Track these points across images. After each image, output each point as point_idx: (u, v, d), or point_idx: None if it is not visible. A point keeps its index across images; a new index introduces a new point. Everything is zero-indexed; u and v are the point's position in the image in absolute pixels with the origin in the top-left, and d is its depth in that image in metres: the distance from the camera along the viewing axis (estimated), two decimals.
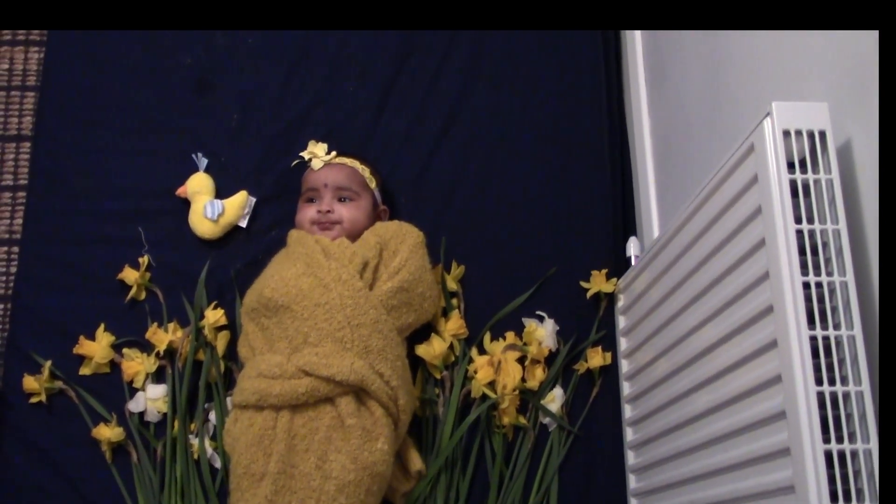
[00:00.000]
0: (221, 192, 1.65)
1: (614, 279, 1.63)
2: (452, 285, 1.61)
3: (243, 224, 1.63)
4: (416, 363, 1.54)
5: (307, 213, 1.55)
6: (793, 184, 1.04)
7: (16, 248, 1.75)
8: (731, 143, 1.28)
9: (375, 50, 1.76)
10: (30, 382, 1.50)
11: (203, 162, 1.66)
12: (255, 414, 1.39)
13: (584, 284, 1.63)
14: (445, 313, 1.59)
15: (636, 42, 1.86)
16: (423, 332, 1.55)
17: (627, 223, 1.73)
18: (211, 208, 1.59)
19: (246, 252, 1.62)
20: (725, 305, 1.18)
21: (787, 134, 1.05)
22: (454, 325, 1.57)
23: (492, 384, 1.53)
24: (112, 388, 1.53)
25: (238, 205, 1.62)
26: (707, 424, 1.23)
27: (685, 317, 1.32)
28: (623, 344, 1.61)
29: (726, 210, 1.18)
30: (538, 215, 1.69)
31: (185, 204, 1.63)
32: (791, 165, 1.05)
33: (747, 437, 1.12)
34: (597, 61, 1.81)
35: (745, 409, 1.12)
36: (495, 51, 1.78)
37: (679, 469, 1.33)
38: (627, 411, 1.57)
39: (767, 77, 1.24)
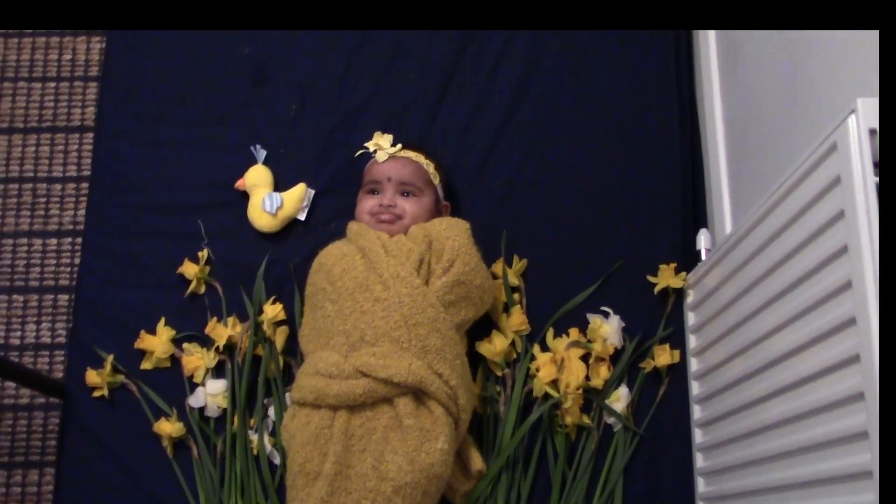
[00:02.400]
0: (280, 185, 1.63)
1: (683, 273, 1.56)
2: (514, 280, 1.56)
3: (302, 217, 1.61)
4: (476, 360, 1.51)
5: (367, 204, 1.52)
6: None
7: (80, 239, 1.77)
8: (811, 132, 1.21)
9: (435, 38, 1.71)
10: (92, 377, 1.51)
11: (262, 154, 1.64)
12: (313, 412, 1.37)
13: (651, 279, 1.57)
14: (507, 309, 1.54)
15: None
16: (484, 328, 1.52)
17: (698, 215, 1.66)
18: (269, 202, 1.58)
19: (305, 245, 1.60)
20: (804, 312, 1.12)
21: (873, 133, 0.97)
22: (516, 321, 1.53)
23: (554, 383, 1.49)
24: (172, 383, 1.53)
25: (297, 197, 1.60)
26: (784, 434, 1.17)
27: (761, 318, 1.26)
28: (692, 342, 1.54)
29: (805, 211, 1.11)
30: (603, 206, 1.63)
31: (244, 196, 1.62)
32: (877, 166, 0.98)
33: (827, 453, 1.06)
34: (666, 45, 1.73)
35: (824, 423, 1.06)
36: (558, 37, 1.72)
37: (753, 478, 1.27)
38: (696, 412, 1.51)
39: (852, 69, 1.15)
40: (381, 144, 1.54)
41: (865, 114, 0.98)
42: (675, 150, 1.66)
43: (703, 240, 1.60)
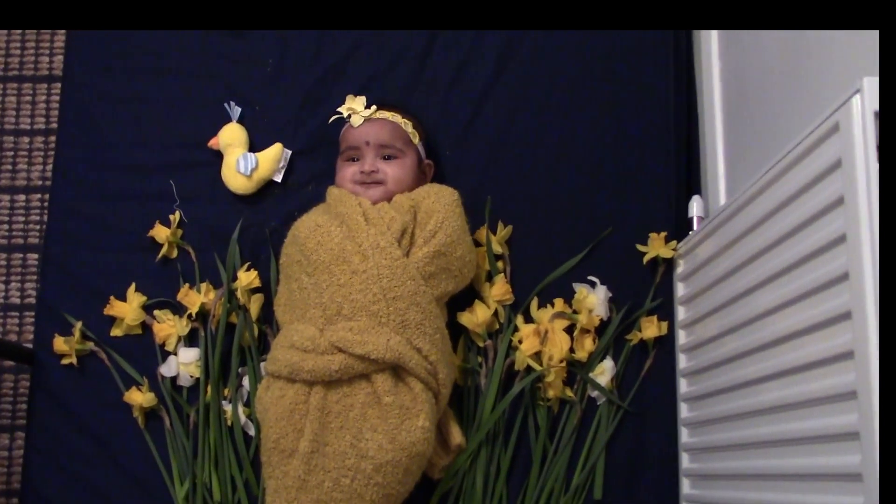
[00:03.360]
0: (256, 144, 1.55)
1: (673, 243, 1.51)
2: (498, 247, 1.51)
3: (278, 178, 1.54)
4: (458, 330, 1.46)
5: (348, 172, 1.45)
6: None
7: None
8: (815, 98, 1.14)
9: None
10: (60, 344, 1.46)
11: (236, 111, 1.56)
12: (287, 385, 1.32)
13: (640, 248, 1.51)
14: (490, 277, 1.49)
15: None
16: (467, 297, 1.46)
17: (691, 180, 1.59)
18: (244, 162, 1.51)
19: (281, 208, 1.53)
20: (798, 298, 1.06)
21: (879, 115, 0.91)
22: (499, 290, 1.48)
23: (537, 355, 1.45)
24: (144, 350, 1.49)
25: (272, 158, 1.53)
26: (772, 422, 1.13)
27: (753, 299, 1.20)
28: (681, 313, 1.50)
29: (803, 192, 1.05)
30: (592, 171, 1.56)
31: (219, 156, 1.55)
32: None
33: (818, 448, 1.01)
34: None
35: (814, 416, 1.02)
36: None
37: (739, 461, 1.24)
38: (683, 386, 1.47)
39: (860, 43, 1.08)
40: (355, 108, 1.46)
41: (872, 95, 0.91)
42: (669, 113, 1.59)
43: (695, 207, 1.54)
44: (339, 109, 1.48)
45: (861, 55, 1.07)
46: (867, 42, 1.04)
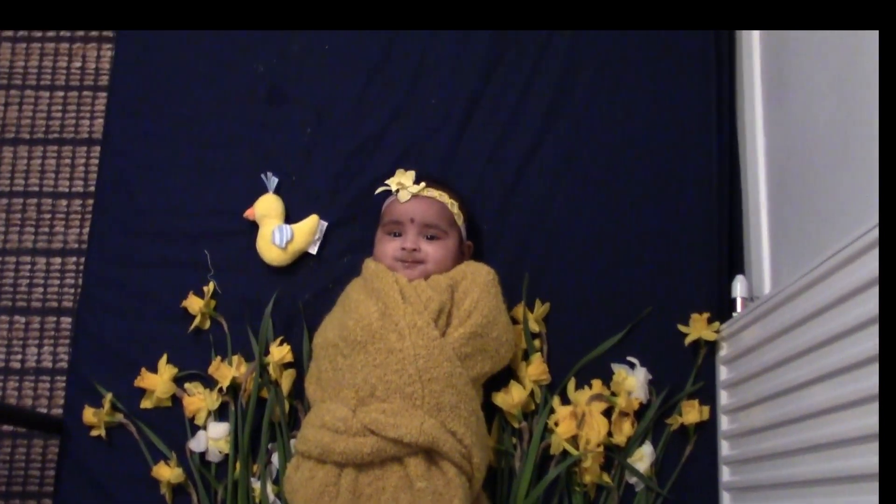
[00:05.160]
0: (291, 215, 1.54)
1: (716, 324, 1.46)
2: (535, 326, 1.47)
3: (313, 251, 1.52)
4: (492, 410, 1.42)
5: (389, 247, 1.43)
6: None
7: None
8: (863, 178, 1.10)
9: (461, 59, 1.61)
10: (89, 416, 1.45)
11: (273, 182, 1.55)
12: (317, 466, 1.30)
13: (681, 328, 1.47)
14: (527, 356, 1.46)
15: (753, 46, 1.64)
16: (502, 376, 1.43)
17: (734, 259, 1.55)
18: (279, 235, 1.49)
19: (316, 281, 1.52)
20: (855, 403, 1.01)
21: None
22: (535, 369, 1.44)
23: (574, 438, 1.40)
24: (174, 423, 1.47)
25: (308, 230, 1.52)
26: None
27: (805, 395, 1.15)
28: (724, 398, 1.45)
29: (847, 299, 1.01)
30: (632, 248, 1.53)
31: (254, 225, 1.54)
32: None
33: None
34: (706, 71, 1.61)
35: None
36: (591, 62, 1.61)
37: None
38: (725, 474, 1.42)
39: None
40: (404, 183, 1.44)
41: None
42: (712, 189, 1.55)
43: (739, 287, 1.49)
44: (387, 182, 1.46)
45: None
46: None
